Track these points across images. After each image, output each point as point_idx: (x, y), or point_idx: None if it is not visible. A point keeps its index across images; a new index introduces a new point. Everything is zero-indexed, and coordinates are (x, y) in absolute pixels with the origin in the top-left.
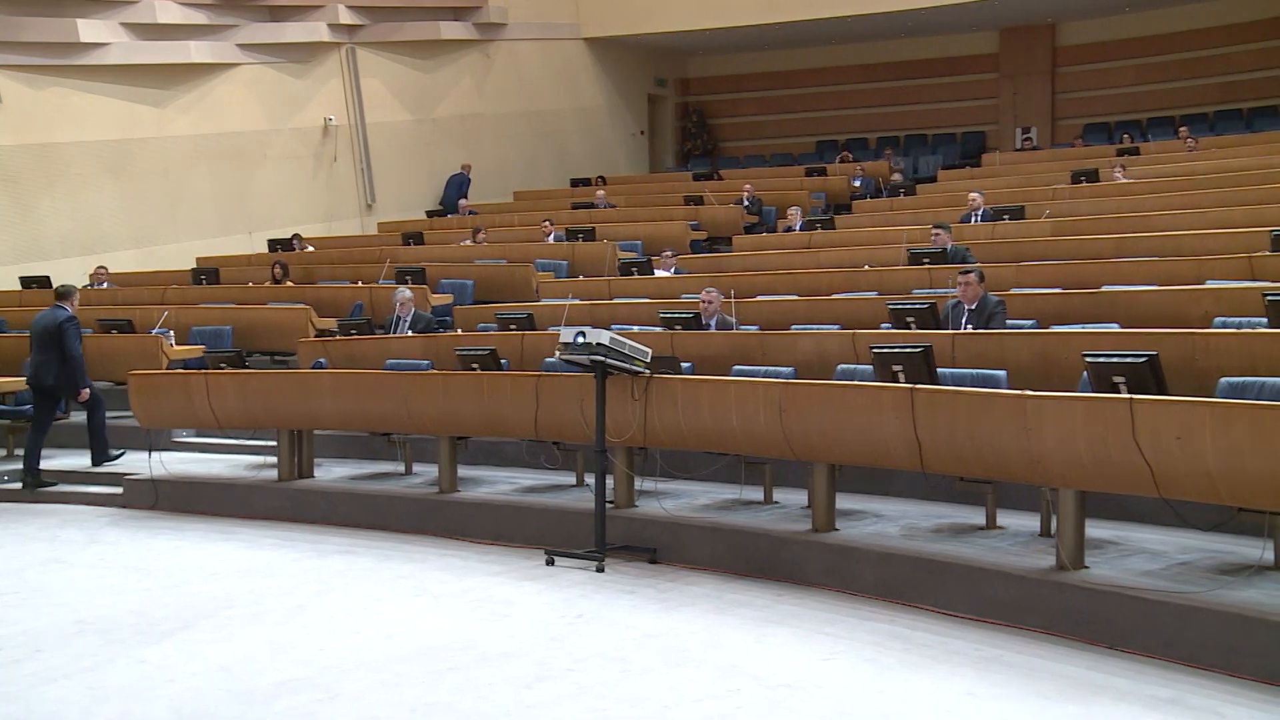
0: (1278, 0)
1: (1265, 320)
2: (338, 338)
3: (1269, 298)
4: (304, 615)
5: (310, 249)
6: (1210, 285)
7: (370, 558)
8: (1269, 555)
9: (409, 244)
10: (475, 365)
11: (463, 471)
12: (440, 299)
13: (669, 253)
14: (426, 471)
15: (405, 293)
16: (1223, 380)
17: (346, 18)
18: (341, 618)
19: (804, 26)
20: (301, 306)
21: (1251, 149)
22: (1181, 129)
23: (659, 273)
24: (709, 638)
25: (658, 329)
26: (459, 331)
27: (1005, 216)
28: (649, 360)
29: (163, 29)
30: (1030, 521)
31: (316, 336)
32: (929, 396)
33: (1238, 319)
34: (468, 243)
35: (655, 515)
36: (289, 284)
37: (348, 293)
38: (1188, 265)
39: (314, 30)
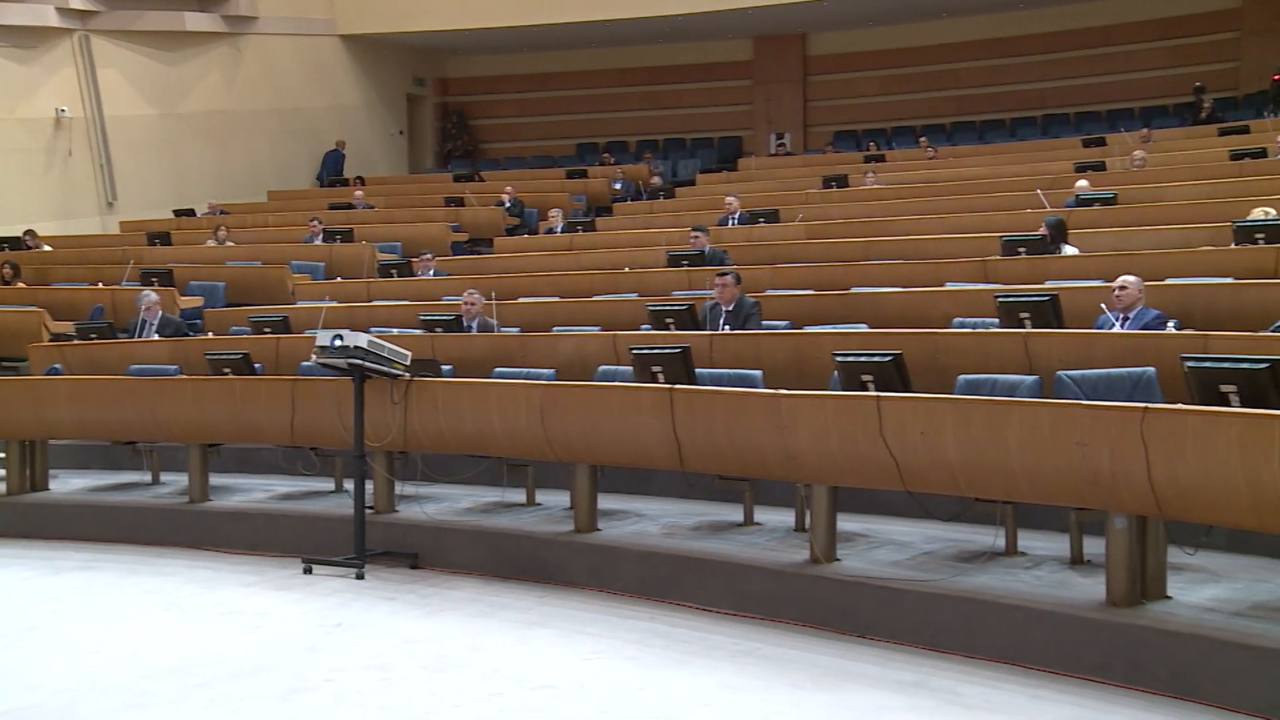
0: (1005, 21)
1: (997, 320)
2: (75, 342)
3: (1000, 299)
4: (36, 637)
5: (47, 248)
6: (949, 287)
7: (113, 573)
8: (1001, 542)
9: (155, 244)
10: (227, 370)
11: (214, 480)
12: (189, 301)
13: (429, 254)
14: (175, 481)
15: (150, 295)
16: (961, 377)
17: (78, 2)
18: (79, 638)
19: (563, 29)
20: (34, 309)
21: (984, 159)
22: (922, 139)
23: (419, 274)
24: (471, 642)
25: (418, 331)
26: (210, 335)
27: (760, 220)
28: (409, 363)
29: None
30: (786, 517)
31: (51, 341)
32: (687, 397)
33: (973, 319)
34: (211, 243)
35: (416, 520)
36: (20, 285)
37: (86, 295)
38: (929, 268)
39: (40, 14)
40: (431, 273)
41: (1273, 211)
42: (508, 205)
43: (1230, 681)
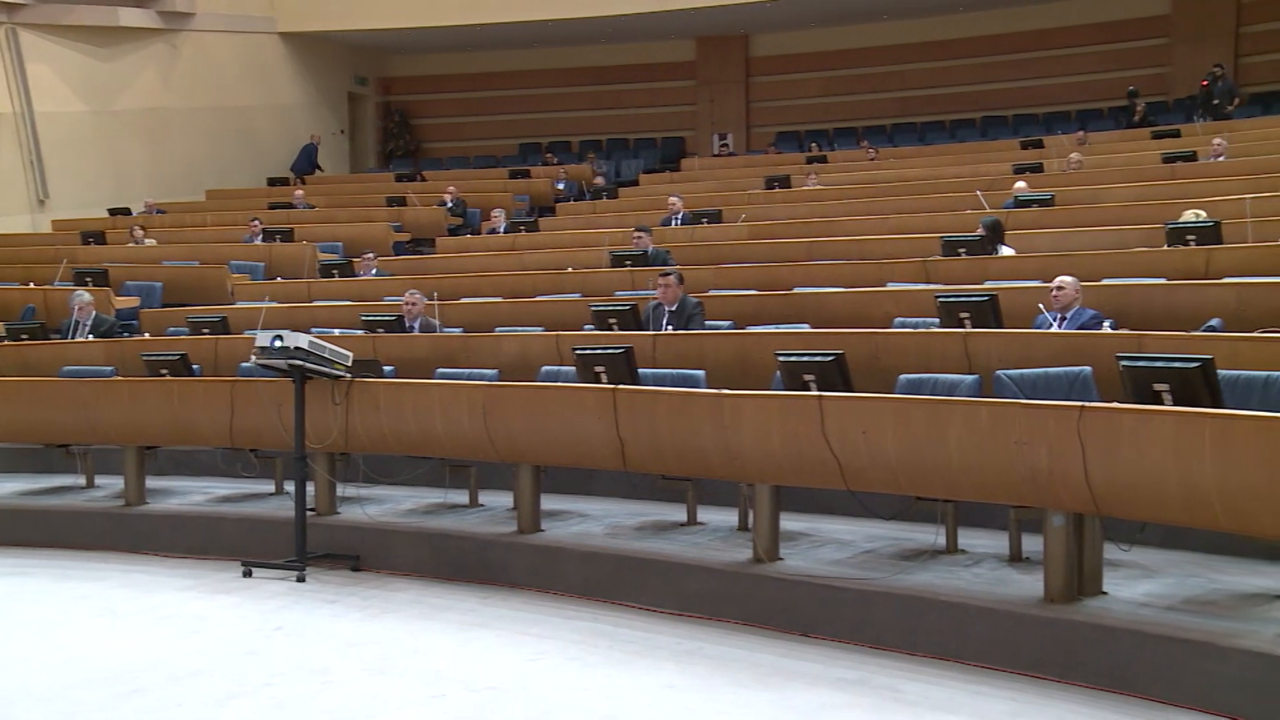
0: (945, 24)
1: (938, 320)
2: (6, 343)
3: (940, 299)
4: None
5: None
6: (890, 288)
7: (45, 578)
8: (942, 540)
9: (89, 243)
10: (165, 371)
11: (151, 483)
12: (125, 302)
13: (371, 254)
14: (111, 484)
15: (84, 296)
16: (901, 377)
17: None
18: (8, 645)
19: (505, 29)
20: None
21: (924, 160)
22: (863, 140)
23: (361, 275)
24: (414, 644)
25: (359, 332)
26: (146, 336)
27: (704, 220)
28: (350, 364)
29: None
30: (729, 516)
31: None
32: (630, 397)
33: (914, 319)
34: (132, 244)
35: (358, 521)
36: None
37: (17, 295)
38: (870, 269)
39: None
40: (373, 273)
41: (1203, 214)
42: (450, 205)
43: (1163, 674)
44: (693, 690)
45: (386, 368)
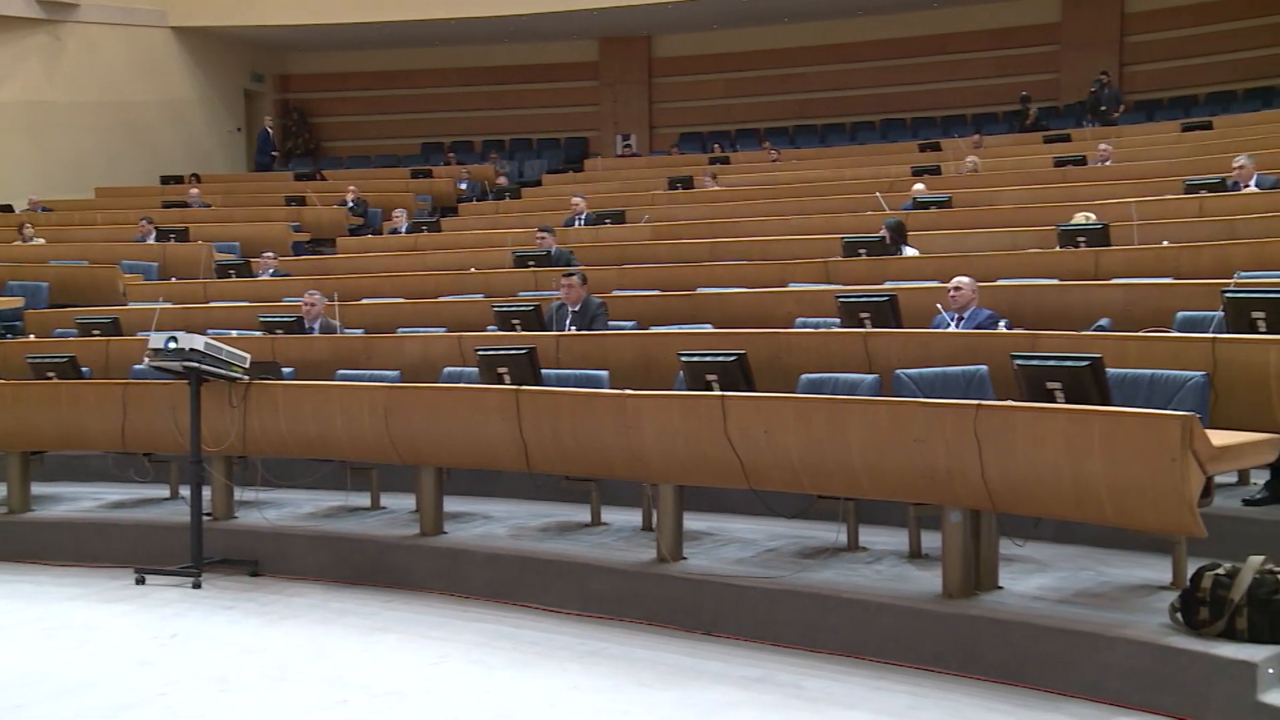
0: (845, 28)
1: (838, 320)
2: None
3: (840, 299)
4: None
5: None
6: (792, 288)
7: None
8: (843, 538)
9: None
10: (52, 374)
11: (38, 489)
12: (8, 302)
13: (269, 254)
14: None
15: None
16: (803, 376)
17: None
18: None
19: (407, 27)
20: None
21: (825, 162)
22: (765, 141)
23: (259, 275)
24: (314, 649)
25: (258, 333)
26: (32, 337)
27: (607, 220)
28: (248, 366)
29: None
30: (633, 517)
31: None
32: (533, 397)
33: (816, 319)
34: (20, 242)
35: (257, 526)
36: None
37: None
38: (773, 269)
39: None
40: (272, 273)
41: (1093, 216)
42: (351, 205)
43: (1055, 666)
44: (596, 691)
45: (286, 369)
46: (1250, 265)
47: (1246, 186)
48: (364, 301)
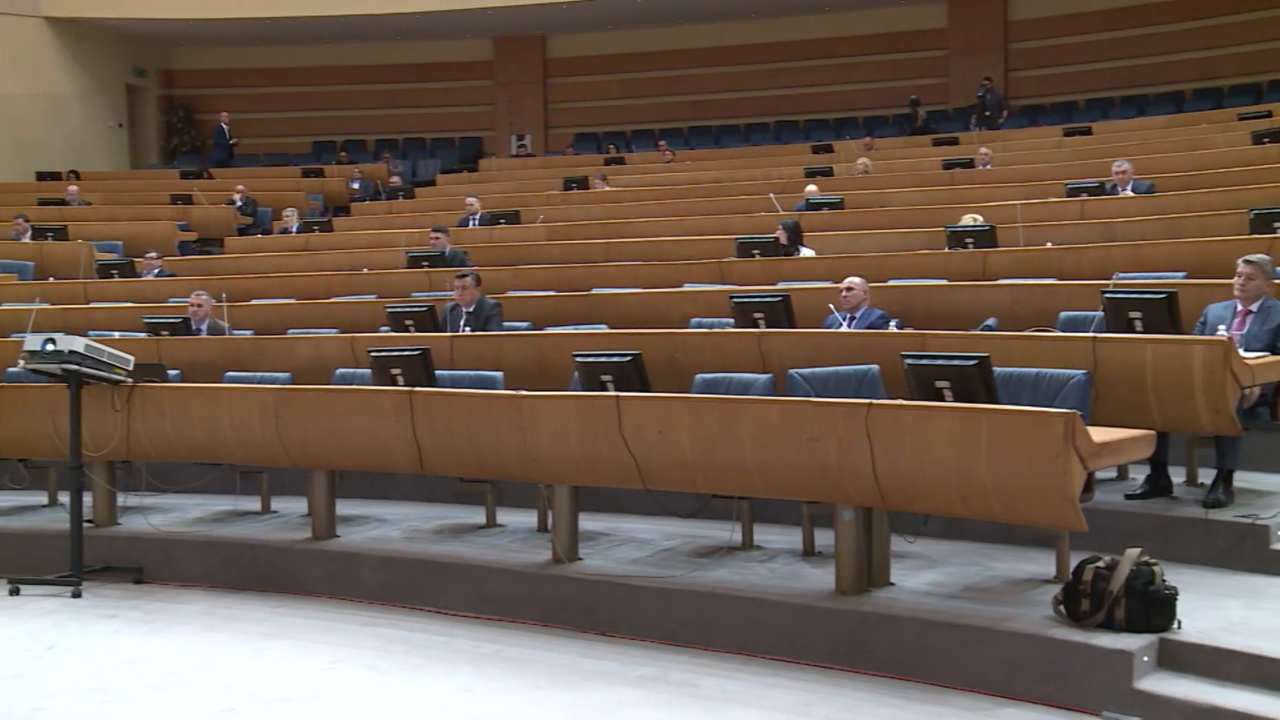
0: (738, 30)
1: (733, 321)
2: None
3: (735, 300)
4: None
5: None
6: (687, 288)
7: None
8: (738, 537)
9: None
10: None
11: None
12: None
13: (154, 254)
14: None
15: None
16: (698, 376)
17: None
18: None
19: (297, 23)
20: None
21: (719, 163)
22: (660, 142)
23: (144, 275)
24: (201, 657)
25: (142, 335)
26: None
27: (501, 221)
28: (131, 368)
29: None
30: (528, 518)
31: None
32: (427, 399)
33: (710, 319)
34: None
35: (142, 532)
36: None
37: None
38: (668, 270)
39: None
40: (156, 273)
41: (980, 218)
42: (239, 204)
43: (944, 659)
44: (490, 693)
45: (172, 372)
46: (1128, 267)
47: (1124, 191)
48: (253, 302)
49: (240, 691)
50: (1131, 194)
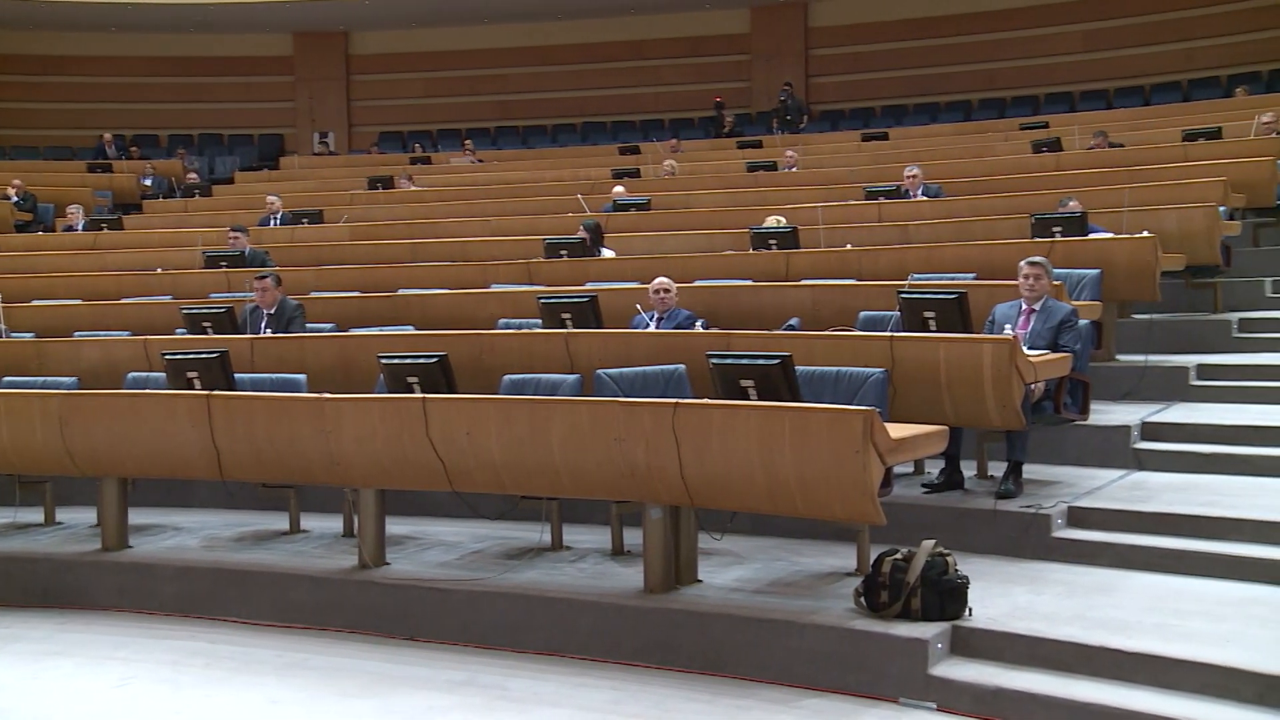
0: (544, 30)
1: (540, 321)
2: None
3: (542, 300)
4: None
5: None
6: (494, 289)
7: None
8: (547, 538)
9: None
10: None
11: None
12: None
13: None
14: None
15: None
16: (505, 377)
17: None
18: None
19: (80, 9)
20: None
21: (527, 164)
22: (467, 142)
23: None
24: None
25: None
26: None
27: (304, 220)
28: None
29: None
30: (334, 523)
31: None
32: (226, 403)
33: (518, 320)
34: None
35: None
36: None
37: None
38: (475, 270)
39: None
40: None
41: (783, 220)
42: (17, 200)
43: (751, 654)
44: (295, 703)
45: None
46: (922, 268)
47: (915, 194)
48: (34, 303)
49: (16, 715)
50: (923, 197)
